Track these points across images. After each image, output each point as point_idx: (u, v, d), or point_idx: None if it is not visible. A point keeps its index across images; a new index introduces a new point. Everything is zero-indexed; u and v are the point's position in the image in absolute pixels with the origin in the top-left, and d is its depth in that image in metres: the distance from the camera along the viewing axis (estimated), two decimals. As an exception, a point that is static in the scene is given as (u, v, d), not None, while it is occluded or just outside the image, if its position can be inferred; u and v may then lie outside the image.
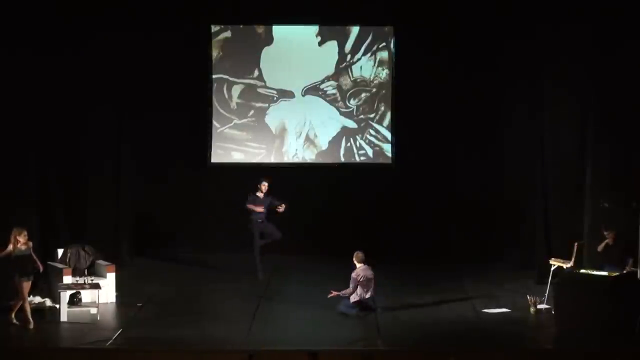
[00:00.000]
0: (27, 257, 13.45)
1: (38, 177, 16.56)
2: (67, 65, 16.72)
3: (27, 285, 13.44)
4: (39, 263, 13.56)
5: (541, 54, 16.21)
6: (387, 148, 18.41)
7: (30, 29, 15.96)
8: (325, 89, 18.39)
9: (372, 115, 18.41)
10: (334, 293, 14.26)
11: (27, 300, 13.46)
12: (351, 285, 14.22)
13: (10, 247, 13.40)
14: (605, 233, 14.27)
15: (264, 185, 16.54)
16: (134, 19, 17.22)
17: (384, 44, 18.32)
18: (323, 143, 18.46)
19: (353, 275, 14.27)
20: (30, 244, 13.51)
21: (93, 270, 15.17)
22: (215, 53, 18.31)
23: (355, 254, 14.45)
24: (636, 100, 14.92)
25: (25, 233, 13.49)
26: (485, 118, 17.83)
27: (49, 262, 14.93)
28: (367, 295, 14.25)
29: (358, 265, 14.36)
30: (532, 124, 16.67)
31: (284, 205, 16.43)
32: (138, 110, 17.63)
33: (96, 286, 14.24)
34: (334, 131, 18.44)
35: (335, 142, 18.45)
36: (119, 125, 17.37)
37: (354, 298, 14.21)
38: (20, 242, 13.38)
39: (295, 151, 18.49)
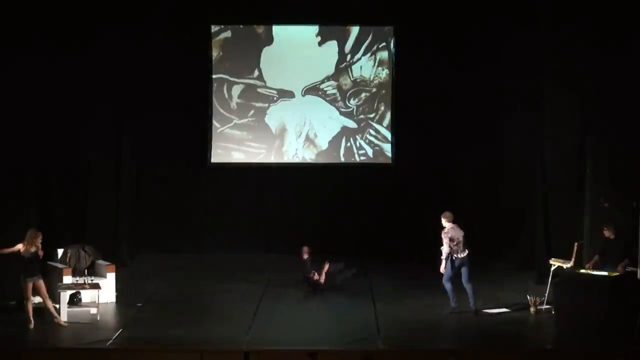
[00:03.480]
0: (35, 259, 13.48)
1: (38, 178, 16.58)
2: (67, 66, 16.73)
3: (40, 285, 13.48)
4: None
5: (541, 55, 16.22)
6: (387, 148, 18.41)
7: (31, 28, 15.99)
8: (325, 89, 18.39)
9: (372, 115, 18.42)
10: (443, 265, 14.02)
11: (31, 300, 13.48)
12: (444, 244, 14.03)
13: (21, 246, 13.42)
14: (604, 231, 14.26)
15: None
16: (134, 20, 17.22)
17: (384, 44, 18.33)
18: (323, 143, 18.46)
19: (442, 234, 14.12)
20: (40, 246, 13.53)
21: (93, 270, 15.18)
22: (215, 53, 18.31)
23: (443, 214, 14.28)
24: (636, 99, 14.90)
25: (41, 237, 13.51)
26: (485, 118, 17.82)
27: (49, 262, 14.94)
28: (460, 255, 14.04)
29: (447, 224, 14.19)
30: (532, 125, 16.69)
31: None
32: (138, 110, 17.65)
33: (96, 286, 14.24)
34: (334, 131, 18.44)
35: (335, 142, 18.45)
36: (119, 125, 17.40)
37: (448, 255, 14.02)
38: (35, 244, 13.39)
39: (295, 151, 18.49)
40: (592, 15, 15.24)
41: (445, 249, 14.05)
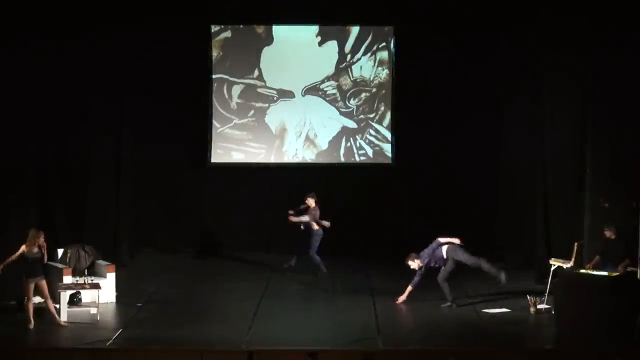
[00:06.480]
0: (37, 259, 13.47)
1: (38, 178, 16.57)
2: (67, 67, 16.74)
3: (42, 285, 13.47)
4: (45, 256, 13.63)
5: (541, 54, 16.22)
6: (387, 148, 18.41)
7: (29, 28, 16.00)
8: (325, 89, 18.39)
9: (372, 115, 18.42)
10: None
11: (32, 300, 13.48)
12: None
13: (24, 247, 13.40)
14: (605, 231, 14.25)
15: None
16: (133, 20, 17.21)
17: (384, 44, 18.33)
18: (323, 143, 18.46)
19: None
20: (45, 246, 13.51)
21: (93, 270, 15.18)
22: (215, 53, 18.31)
23: (310, 194, 16.43)
24: (638, 97, 14.87)
25: (43, 237, 13.50)
26: (485, 118, 17.82)
27: (49, 262, 14.92)
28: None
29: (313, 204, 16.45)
30: (532, 125, 16.67)
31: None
32: (138, 110, 17.63)
33: (96, 286, 14.24)
34: (334, 131, 18.44)
35: (335, 142, 18.45)
36: (118, 125, 17.39)
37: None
38: (37, 245, 13.38)
39: (295, 151, 18.49)
40: (592, 6, 15.18)
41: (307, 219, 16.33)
